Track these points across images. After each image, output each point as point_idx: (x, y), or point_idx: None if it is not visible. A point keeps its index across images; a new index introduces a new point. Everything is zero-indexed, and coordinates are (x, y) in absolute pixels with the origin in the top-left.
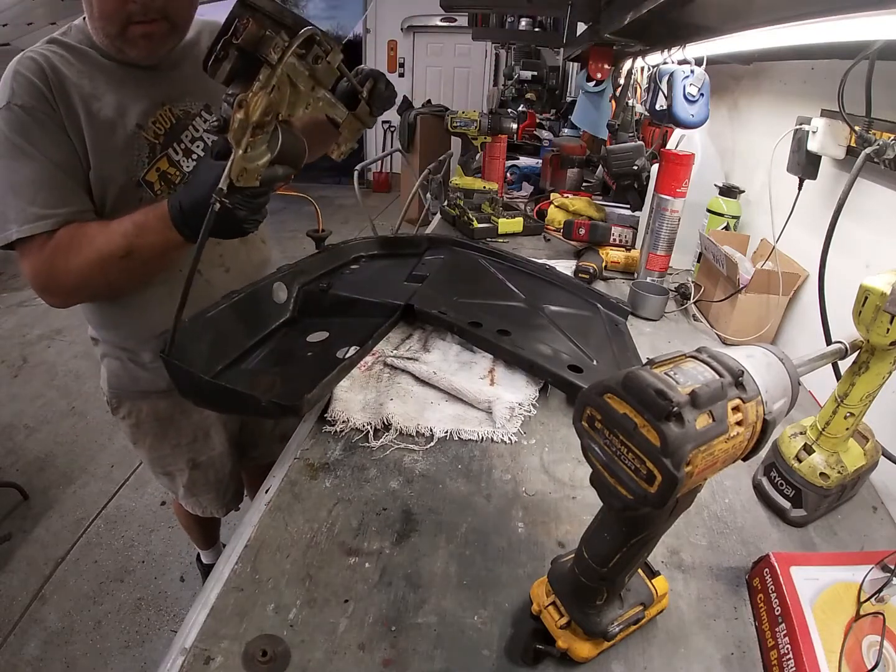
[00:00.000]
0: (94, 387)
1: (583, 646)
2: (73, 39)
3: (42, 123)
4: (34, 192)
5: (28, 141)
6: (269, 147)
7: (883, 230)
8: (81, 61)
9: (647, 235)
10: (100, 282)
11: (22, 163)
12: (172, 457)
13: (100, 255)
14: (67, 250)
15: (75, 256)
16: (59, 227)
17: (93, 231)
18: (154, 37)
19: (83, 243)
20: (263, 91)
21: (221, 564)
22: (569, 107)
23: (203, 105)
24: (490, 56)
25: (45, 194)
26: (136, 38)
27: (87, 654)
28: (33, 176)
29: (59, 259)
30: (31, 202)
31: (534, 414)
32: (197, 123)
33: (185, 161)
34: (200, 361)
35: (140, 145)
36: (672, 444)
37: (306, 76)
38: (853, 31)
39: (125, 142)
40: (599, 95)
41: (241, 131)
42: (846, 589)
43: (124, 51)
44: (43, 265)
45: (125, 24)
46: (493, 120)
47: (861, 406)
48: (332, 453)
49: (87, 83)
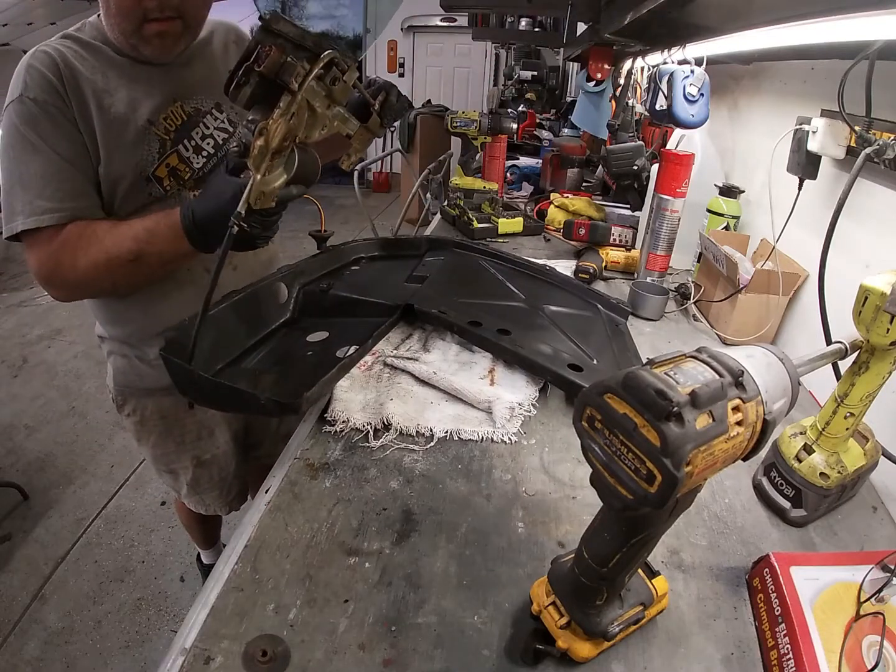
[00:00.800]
0: (94, 387)
1: (583, 646)
2: (87, 35)
3: (53, 117)
4: (42, 186)
5: (38, 134)
6: (285, 169)
7: (883, 230)
8: (95, 57)
9: (647, 235)
10: (105, 282)
11: (31, 156)
12: (176, 454)
13: (108, 256)
14: (75, 247)
15: (83, 255)
16: (67, 222)
17: (102, 231)
18: (168, 35)
19: (91, 242)
20: (283, 118)
21: (221, 564)
22: (569, 107)
23: (214, 103)
24: (490, 56)
25: (53, 188)
26: (151, 35)
27: (87, 654)
28: (42, 170)
29: (65, 255)
30: (39, 195)
31: (534, 414)
32: (207, 121)
33: (194, 157)
34: (201, 360)
35: (150, 141)
36: (672, 444)
37: (323, 96)
38: (853, 31)
39: (136, 137)
40: (599, 95)
41: (261, 157)
42: (846, 589)
43: (139, 48)
44: (49, 259)
45: (141, 22)
46: (493, 120)
47: (861, 406)
48: (332, 453)
49: (99, 78)
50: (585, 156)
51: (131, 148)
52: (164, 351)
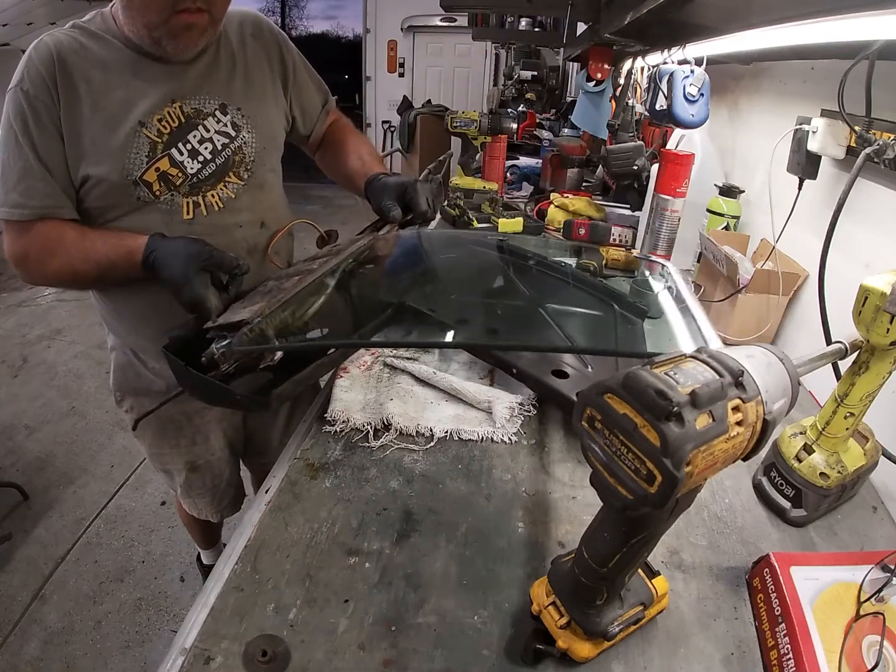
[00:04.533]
0: (94, 387)
1: (583, 646)
2: (95, 26)
3: (38, 115)
4: (17, 180)
5: (23, 129)
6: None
7: (883, 230)
8: (99, 49)
9: (647, 235)
10: (73, 287)
11: (14, 148)
12: (171, 456)
13: (72, 269)
14: (41, 249)
15: (50, 258)
16: (34, 220)
17: (69, 240)
18: (195, 28)
19: (58, 250)
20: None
21: (221, 564)
22: (569, 107)
23: (218, 104)
24: (490, 56)
25: (26, 185)
26: (179, 28)
27: (87, 654)
28: (20, 164)
29: (33, 252)
30: (14, 188)
31: (533, 414)
32: (209, 123)
33: (189, 163)
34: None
35: (139, 143)
36: (672, 445)
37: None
38: (853, 31)
39: (124, 139)
40: (599, 95)
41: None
42: (846, 589)
43: (162, 42)
44: (19, 252)
45: (170, 13)
46: (493, 120)
47: (861, 406)
48: (332, 453)
49: (98, 74)
50: (585, 156)
51: (117, 151)
52: (166, 348)
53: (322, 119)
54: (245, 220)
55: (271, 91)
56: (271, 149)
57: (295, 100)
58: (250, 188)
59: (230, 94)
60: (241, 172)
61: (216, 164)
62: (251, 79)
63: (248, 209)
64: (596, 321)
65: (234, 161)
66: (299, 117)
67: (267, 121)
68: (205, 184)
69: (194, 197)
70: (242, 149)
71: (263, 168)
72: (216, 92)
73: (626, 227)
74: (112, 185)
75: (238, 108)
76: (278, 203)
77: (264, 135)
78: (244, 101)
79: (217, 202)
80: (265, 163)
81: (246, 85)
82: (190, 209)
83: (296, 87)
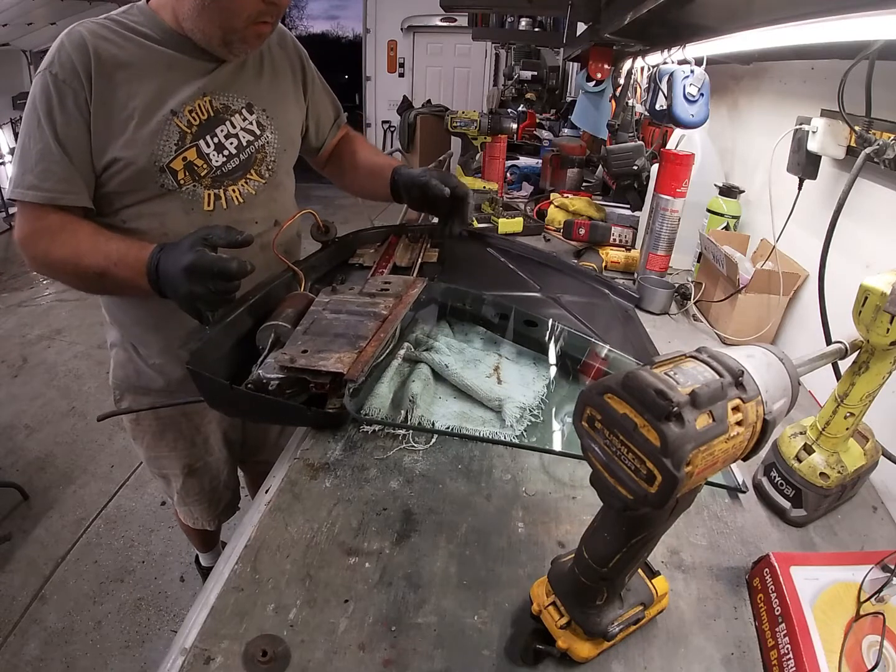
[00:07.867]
0: (94, 387)
1: (583, 646)
2: (131, 20)
3: (63, 99)
4: (35, 162)
5: (46, 112)
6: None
7: (883, 230)
8: (135, 41)
9: (647, 235)
10: (70, 280)
11: (36, 130)
12: (168, 459)
13: (77, 261)
14: (52, 239)
15: (58, 246)
16: (47, 204)
17: (82, 234)
18: (264, 36)
19: (68, 242)
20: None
21: (221, 564)
22: (569, 107)
23: (245, 103)
24: (490, 56)
25: (42, 168)
26: (253, 36)
27: (87, 654)
28: (40, 146)
29: (43, 238)
30: (31, 170)
31: (542, 421)
32: (235, 120)
33: (215, 155)
34: (223, 369)
35: (169, 131)
36: (672, 445)
37: None
38: (853, 31)
39: (156, 126)
40: (599, 95)
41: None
42: (846, 589)
43: (233, 45)
44: (29, 236)
45: (250, 23)
46: (493, 120)
47: (861, 406)
48: (332, 453)
49: (136, 63)
50: (585, 156)
51: (148, 136)
52: (190, 365)
53: (333, 133)
54: (261, 217)
55: (293, 98)
56: (290, 152)
57: (311, 111)
58: (269, 187)
59: (257, 94)
60: (263, 171)
61: (240, 160)
62: (276, 83)
63: (265, 207)
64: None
65: (257, 159)
66: (313, 129)
67: (288, 124)
68: (227, 178)
69: (216, 190)
70: (265, 148)
71: (282, 170)
72: (244, 91)
73: (626, 228)
74: (139, 169)
75: (263, 109)
76: (291, 206)
77: (286, 137)
78: (269, 103)
79: (237, 197)
80: (284, 165)
81: (271, 88)
82: (211, 201)
83: (313, 98)
